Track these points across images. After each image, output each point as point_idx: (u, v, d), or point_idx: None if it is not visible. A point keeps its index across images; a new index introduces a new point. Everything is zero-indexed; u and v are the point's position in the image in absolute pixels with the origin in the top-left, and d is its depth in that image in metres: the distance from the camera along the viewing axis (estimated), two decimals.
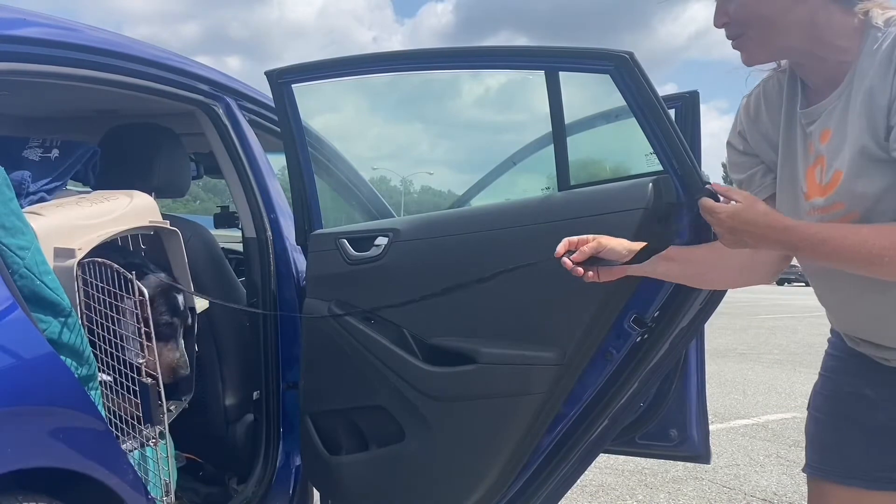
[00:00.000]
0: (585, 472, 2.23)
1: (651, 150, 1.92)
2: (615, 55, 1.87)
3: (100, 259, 1.82)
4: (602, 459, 3.53)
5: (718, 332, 11.47)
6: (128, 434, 1.82)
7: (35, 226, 1.63)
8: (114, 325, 1.81)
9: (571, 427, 2.05)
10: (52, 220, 1.79)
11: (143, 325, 1.82)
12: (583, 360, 1.96)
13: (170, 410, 1.90)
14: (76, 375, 1.60)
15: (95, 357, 1.71)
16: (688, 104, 2.32)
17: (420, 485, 2.10)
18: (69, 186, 2.24)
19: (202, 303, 2.22)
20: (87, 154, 2.20)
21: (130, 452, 1.80)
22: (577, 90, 2.30)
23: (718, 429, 5.32)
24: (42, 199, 1.98)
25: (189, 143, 2.63)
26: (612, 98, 2.02)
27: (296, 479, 2.41)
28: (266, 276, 2.37)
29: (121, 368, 1.81)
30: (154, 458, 1.89)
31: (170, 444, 1.88)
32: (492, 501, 2.05)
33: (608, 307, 1.92)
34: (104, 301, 1.80)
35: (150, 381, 1.80)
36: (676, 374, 2.27)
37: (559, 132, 2.12)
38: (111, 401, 1.80)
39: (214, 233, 2.62)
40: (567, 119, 2.13)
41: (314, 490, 2.46)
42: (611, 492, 3.97)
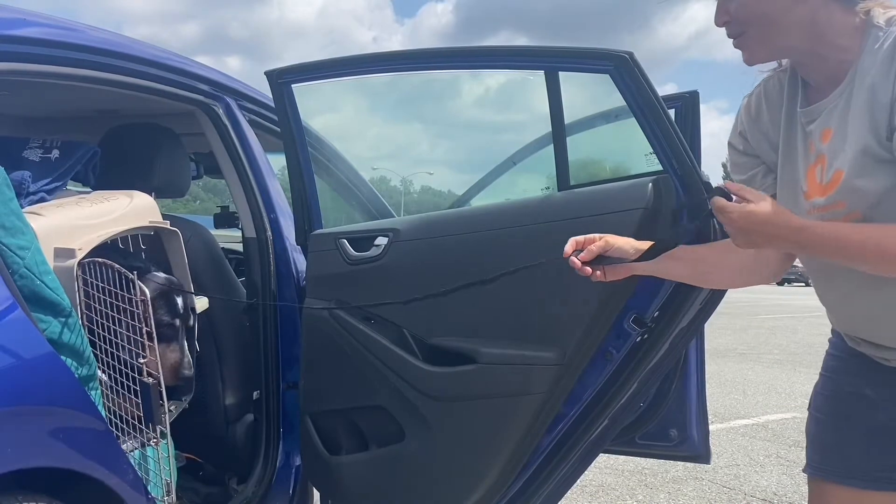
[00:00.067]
0: (585, 472, 2.23)
1: (651, 150, 1.92)
2: (615, 55, 1.87)
3: (100, 259, 1.83)
4: (602, 459, 3.53)
5: (718, 332, 11.47)
6: (128, 434, 1.82)
7: (35, 226, 1.63)
8: (114, 325, 1.81)
9: (571, 427, 2.05)
10: (53, 221, 1.79)
11: (144, 325, 1.82)
12: (583, 360, 1.96)
13: (170, 410, 1.90)
14: (76, 375, 1.60)
15: (96, 357, 1.71)
16: (688, 104, 2.32)
17: (420, 485, 2.10)
18: (69, 187, 2.24)
19: (202, 303, 2.22)
20: (88, 154, 2.20)
21: (131, 452, 1.81)
22: (577, 90, 2.30)
23: (718, 429, 5.32)
24: (42, 200, 1.98)
25: (189, 143, 2.63)
26: (612, 98, 2.02)
27: (296, 479, 2.40)
28: (266, 276, 2.37)
29: (121, 368, 1.81)
30: (154, 458, 1.89)
31: (170, 444, 1.88)
32: (492, 501, 2.05)
33: (608, 307, 1.92)
34: (105, 301, 1.81)
35: (151, 381, 1.80)
36: (676, 374, 2.27)
37: (559, 132, 2.12)
38: (112, 401, 1.80)
39: (214, 233, 2.62)
40: (567, 119, 2.13)
41: (314, 490, 2.46)
42: (611, 492, 3.97)
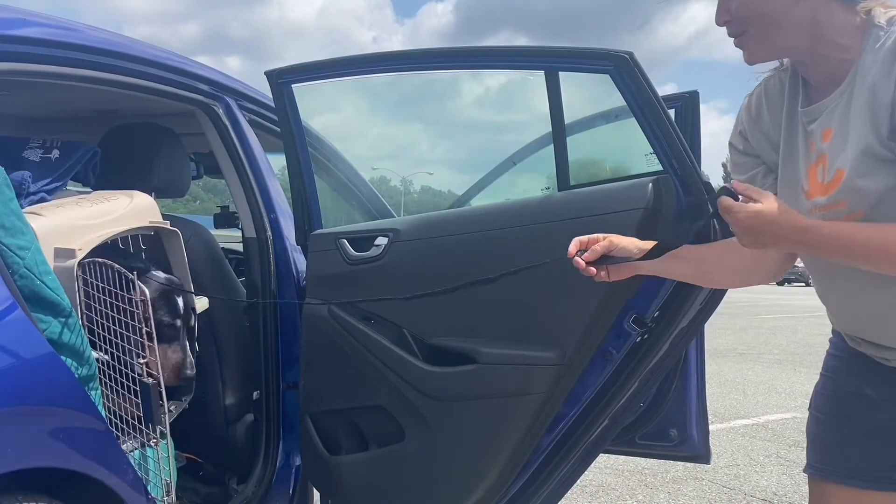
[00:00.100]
0: (585, 472, 2.23)
1: (651, 150, 1.92)
2: (615, 55, 1.87)
3: (100, 259, 1.83)
4: (602, 459, 3.53)
5: (718, 332, 11.47)
6: (128, 434, 1.82)
7: (35, 226, 1.63)
8: (114, 326, 1.81)
9: (571, 427, 2.05)
10: (53, 221, 1.79)
11: (144, 326, 1.82)
12: (583, 360, 1.96)
13: (170, 411, 1.90)
14: (76, 375, 1.60)
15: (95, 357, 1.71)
16: (688, 104, 2.32)
17: (420, 485, 2.10)
18: (69, 187, 2.24)
19: (202, 303, 2.22)
20: (88, 154, 2.20)
21: (131, 452, 1.80)
22: (577, 90, 2.30)
23: (718, 429, 5.32)
24: (42, 200, 1.98)
25: (189, 143, 2.63)
26: (612, 98, 2.02)
27: (296, 479, 2.40)
28: (266, 276, 2.37)
29: (121, 369, 1.81)
30: (154, 458, 1.89)
31: (170, 444, 1.88)
32: (492, 501, 2.05)
33: (608, 307, 1.92)
34: (105, 301, 1.81)
35: (152, 382, 1.80)
36: (676, 374, 2.27)
37: (559, 132, 2.12)
38: (112, 401, 1.80)
39: (214, 233, 2.62)
40: (567, 119, 2.14)
41: (314, 490, 2.46)
42: (611, 492, 3.97)
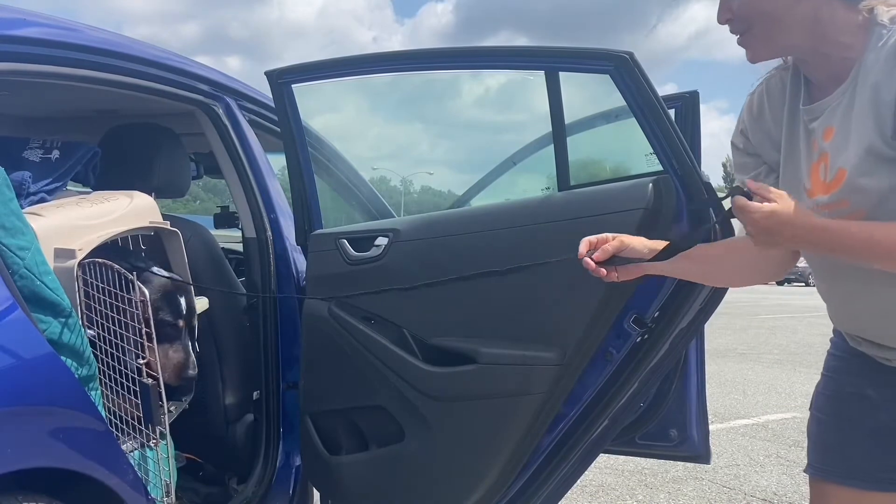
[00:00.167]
0: (585, 472, 2.23)
1: (651, 151, 1.92)
2: (615, 55, 1.87)
3: (100, 259, 1.83)
4: (602, 459, 3.53)
5: (718, 332, 11.47)
6: (128, 434, 1.82)
7: (35, 226, 1.63)
8: (114, 326, 1.81)
9: (571, 427, 2.05)
10: (53, 221, 1.79)
11: (144, 326, 1.82)
12: (583, 360, 1.96)
13: (170, 411, 1.90)
14: (76, 376, 1.60)
15: (96, 357, 1.71)
16: (688, 104, 2.32)
17: (420, 485, 2.10)
18: (69, 187, 2.24)
19: (202, 303, 2.22)
20: (88, 155, 2.20)
21: (131, 453, 1.80)
22: (577, 90, 2.30)
23: (718, 429, 5.32)
24: (42, 200, 1.98)
25: (189, 143, 2.63)
26: (612, 98, 2.02)
27: (296, 479, 2.40)
28: (266, 276, 2.37)
29: (121, 369, 1.81)
30: (154, 459, 1.89)
31: (170, 445, 1.88)
32: (492, 501, 2.05)
33: (608, 307, 1.92)
34: (105, 301, 1.80)
35: (151, 382, 1.80)
36: (676, 374, 2.27)
37: (559, 132, 2.12)
38: (111, 401, 1.80)
39: (214, 233, 2.62)
40: (567, 119, 2.13)
41: (314, 490, 2.46)
42: (611, 492, 3.97)
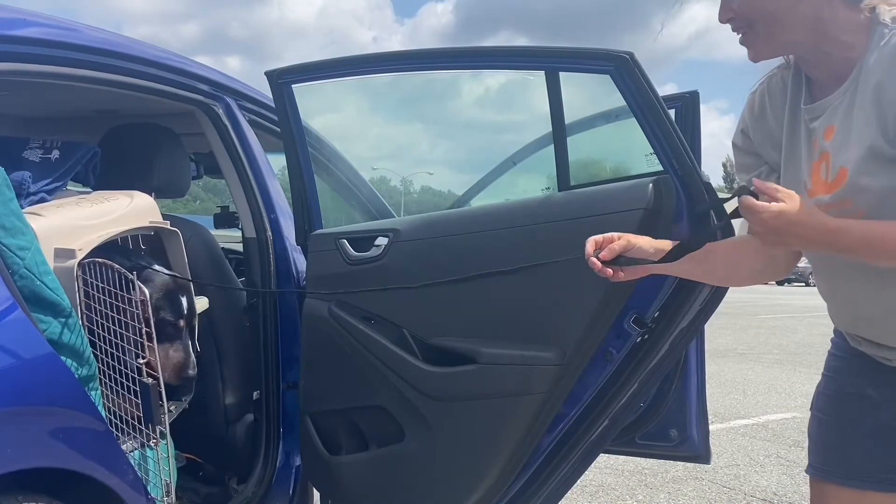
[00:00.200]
0: (585, 472, 2.23)
1: (651, 151, 1.92)
2: (615, 55, 1.87)
3: (100, 259, 1.83)
4: (602, 459, 3.53)
5: (718, 332, 11.47)
6: (128, 434, 1.82)
7: (35, 226, 1.63)
8: (114, 326, 1.81)
9: (572, 427, 2.05)
10: (53, 221, 1.79)
11: (145, 326, 1.82)
12: (583, 360, 1.96)
13: (170, 411, 1.90)
14: (76, 376, 1.60)
15: (96, 357, 1.71)
16: (688, 104, 2.32)
17: (420, 485, 2.10)
18: (69, 187, 2.24)
19: (202, 303, 2.22)
20: (88, 155, 2.20)
21: (131, 452, 1.80)
22: (577, 90, 2.30)
23: (718, 429, 5.32)
24: (42, 200, 1.98)
25: (189, 143, 2.63)
26: (612, 98, 2.02)
27: (296, 479, 2.40)
28: (266, 276, 2.37)
29: (121, 369, 1.81)
30: (154, 459, 1.89)
31: (170, 445, 1.88)
32: (492, 501, 2.05)
33: (608, 307, 1.92)
34: (105, 301, 1.80)
35: (151, 382, 1.80)
36: (676, 374, 2.27)
37: (559, 132, 2.12)
38: (111, 401, 1.80)
39: (214, 233, 2.62)
40: (567, 119, 2.13)
41: (314, 490, 2.46)
42: (611, 492, 3.97)
